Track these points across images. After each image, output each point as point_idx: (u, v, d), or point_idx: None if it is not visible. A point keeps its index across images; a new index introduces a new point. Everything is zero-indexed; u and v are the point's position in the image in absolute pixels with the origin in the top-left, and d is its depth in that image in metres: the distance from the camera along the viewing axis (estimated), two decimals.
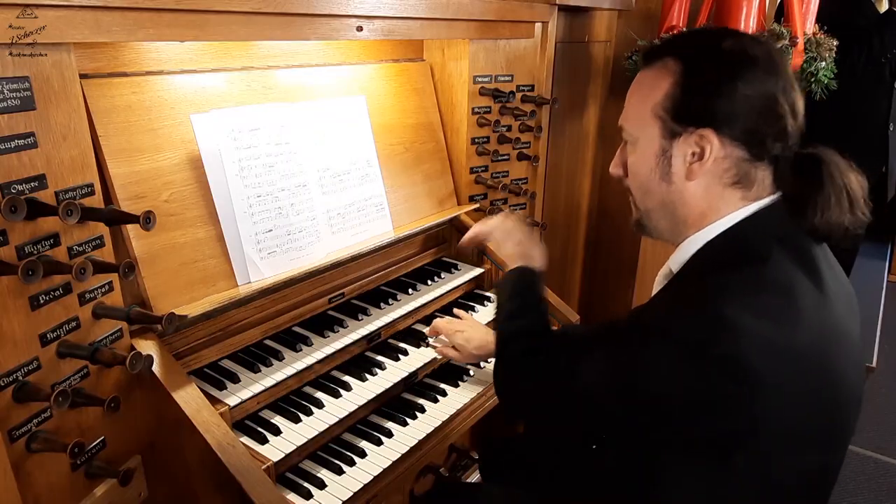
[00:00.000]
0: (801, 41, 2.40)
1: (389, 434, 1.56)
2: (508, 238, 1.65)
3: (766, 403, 0.99)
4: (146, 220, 1.15)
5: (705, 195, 1.16)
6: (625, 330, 1.17)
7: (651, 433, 1.10)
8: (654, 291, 1.31)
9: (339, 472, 1.44)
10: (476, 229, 1.77)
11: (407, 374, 1.68)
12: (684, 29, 2.54)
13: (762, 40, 1.15)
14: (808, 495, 1.14)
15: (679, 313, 1.07)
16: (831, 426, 1.09)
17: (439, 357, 1.77)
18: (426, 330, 1.84)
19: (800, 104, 1.14)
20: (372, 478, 1.43)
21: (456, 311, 1.93)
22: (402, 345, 1.80)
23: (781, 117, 1.11)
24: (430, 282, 2.00)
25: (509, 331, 1.45)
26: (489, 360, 1.84)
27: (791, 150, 1.14)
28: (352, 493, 1.38)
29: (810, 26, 2.57)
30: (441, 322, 1.81)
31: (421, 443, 1.56)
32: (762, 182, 1.15)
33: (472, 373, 1.82)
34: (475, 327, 1.78)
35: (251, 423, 1.45)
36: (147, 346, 1.31)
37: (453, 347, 1.74)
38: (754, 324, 0.98)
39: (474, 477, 2.15)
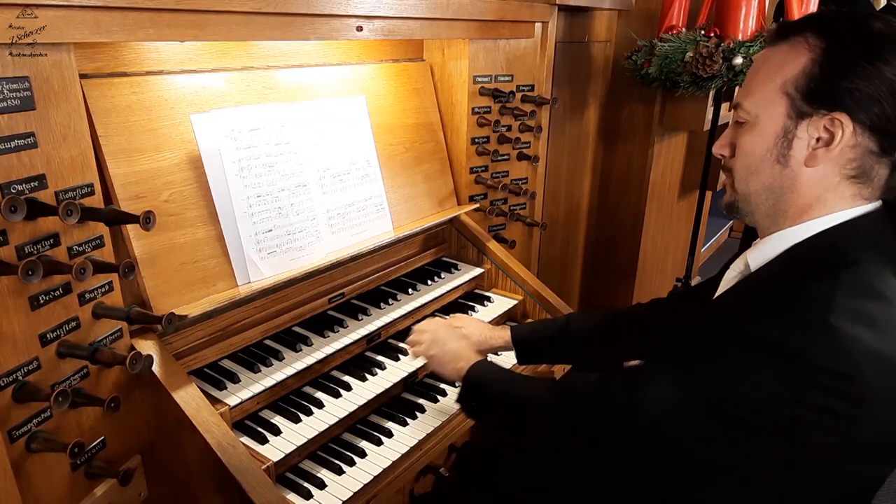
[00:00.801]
0: None
1: (389, 434, 1.56)
2: (445, 357, 1.55)
3: (868, 417, 0.93)
4: (146, 220, 1.15)
5: (819, 184, 1.08)
6: (702, 339, 1.08)
7: (739, 453, 1.02)
8: (723, 285, 1.24)
9: (339, 472, 1.44)
10: (417, 351, 1.62)
11: (407, 373, 1.68)
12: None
13: None
14: (859, 498, 1.10)
15: (779, 320, 0.98)
16: None
17: None
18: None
19: None
20: (372, 478, 1.43)
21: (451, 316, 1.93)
22: (403, 345, 1.79)
23: None
24: (430, 282, 2.00)
25: (524, 398, 1.35)
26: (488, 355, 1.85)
27: None
28: (352, 493, 1.38)
29: None
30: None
31: (421, 443, 1.56)
32: (878, 181, 1.07)
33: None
34: (473, 324, 1.77)
35: (251, 423, 1.45)
36: (147, 346, 1.31)
37: None
38: (863, 334, 0.92)
39: None
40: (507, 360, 1.83)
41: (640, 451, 1.13)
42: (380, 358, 1.74)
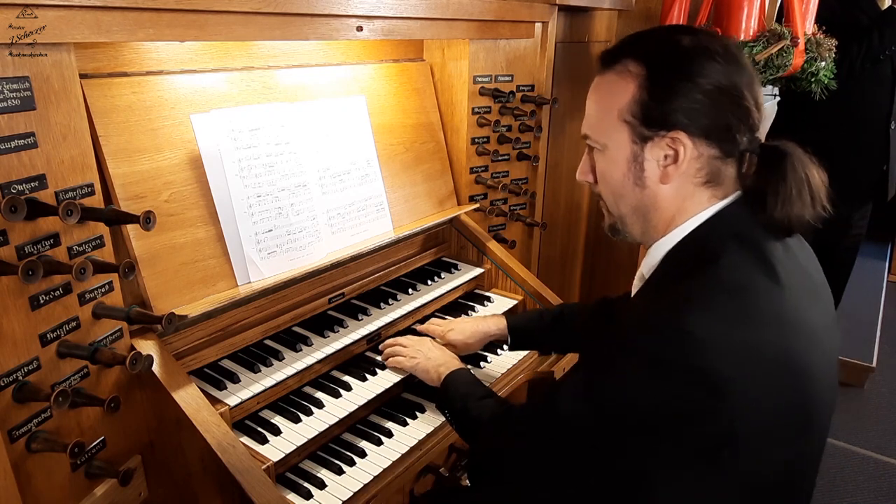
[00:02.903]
0: (801, 41, 2.40)
1: (389, 434, 1.56)
2: (430, 364, 1.61)
3: (738, 405, 0.99)
4: (146, 220, 1.15)
5: (677, 196, 1.16)
6: (600, 349, 1.16)
7: (638, 451, 1.10)
8: (633, 291, 1.32)
9: (339, 472, 1.44)
10: (402, 364, 1.66)
11: (407, 374, 1.68)
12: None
13: (717, 34, 1.15)
14: (793, 484, 1.15)
15: (644, 329, 1.07)
16: (805, 416, 1.09)
17: None
18: (419, 328, 1.85)
19: (762, 96, 1.14)
20: (372, 478, 1.43)
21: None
22: (380, 358, 1.78)
23: (749, 110, 1.11)
24: (430, 282, 2.00)
25: (476, 411, 1.42)
26: (488, 359, 1.85)
27: (756, 143, 1.14)
28: (352, 493, 1.38)
29: (810, 26, 2.57)
30: (429, 324, 1.84)
31: (421, 443, 1.56)
32: (730, 179, 1.15)
33: (471, 372, 1.82)
34: (463, 321, 1.82)
35: (251, 423, 1.45)
36: (147, 346, 1.31)
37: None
38: (715, 330, 0.99)
39: None
40: (498, 368, 1.83)
41: (562, 460, 1.21)
42: (380, 358, 1.73)
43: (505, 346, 1.87)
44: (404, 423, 1.61)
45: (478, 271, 2.13)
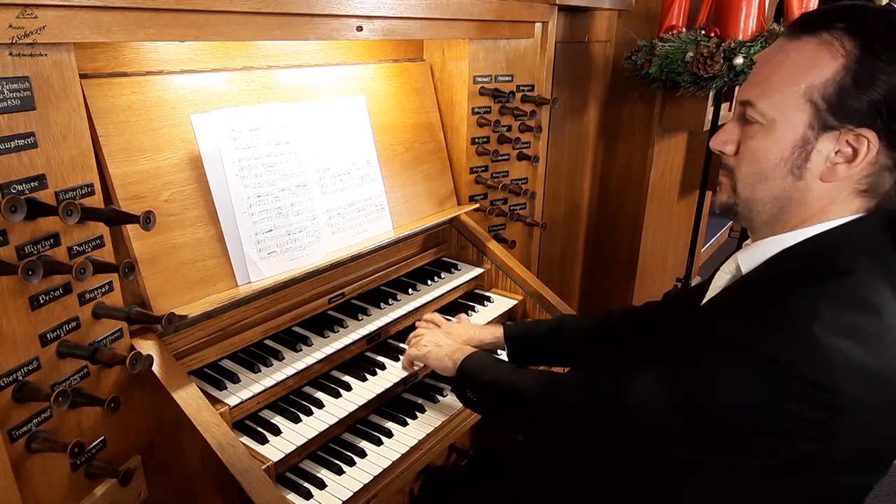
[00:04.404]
0: None
1: (389, 434, 1.56)
2: (441, 352, 1.56)
3: (847, 429, 0.93)
4: (146, 220, 1.15)
5: (827, 197, 1.03)
6: (689, 340, 1.07)
7: (715, 453, 1.02)
8: (714, 287, 1.22)
9: (339, 472, 1.44)
10: (411, 354, 1.64)
11: (407, 373, 1.68)
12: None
13: None
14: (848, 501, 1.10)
15: (763, 328, 0.96)
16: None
17: None
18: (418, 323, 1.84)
19: None
20: (372, 478, 1.43)
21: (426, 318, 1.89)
22: (402, 345, 1.79)
23: None
24: (430, 282, 2.00)
25: (519, 384, 1.34)
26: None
27: None
28: (352, 493, 1.38)
29: None
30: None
31: (421, 443, 1.56)
32: (883, 192, 1.03)
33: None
34: (460, 326, 1.78)
35: (251, 423, 1.45)
36: (147, 346, 1.31)
37: None
38: (845, 347, 0.91)
39: None
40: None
41: (624, 448, 1.14)
42: (380, 358, 1.74)
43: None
44: (404, 423, 1.61)
45: (478, 271, 2.13)
